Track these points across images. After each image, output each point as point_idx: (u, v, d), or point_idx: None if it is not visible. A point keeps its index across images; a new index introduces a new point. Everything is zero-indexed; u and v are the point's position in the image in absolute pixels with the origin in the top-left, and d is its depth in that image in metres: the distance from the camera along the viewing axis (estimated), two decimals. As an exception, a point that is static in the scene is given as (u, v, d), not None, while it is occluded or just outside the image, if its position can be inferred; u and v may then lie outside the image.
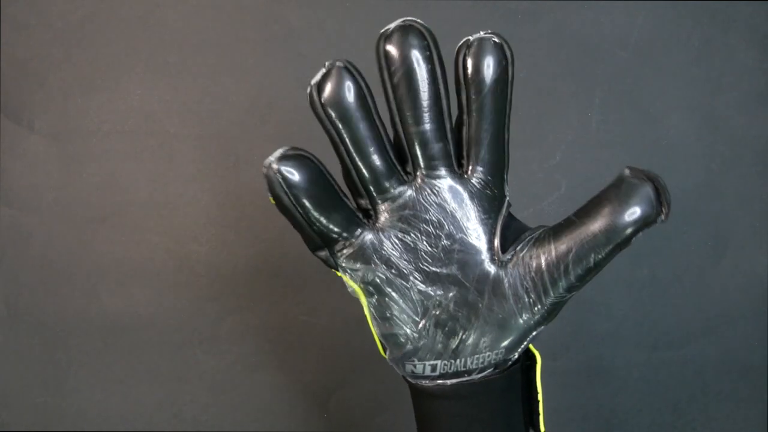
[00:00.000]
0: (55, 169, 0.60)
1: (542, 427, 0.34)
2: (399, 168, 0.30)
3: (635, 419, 0.63)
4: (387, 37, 0.28)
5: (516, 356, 0.32)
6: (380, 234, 0.30)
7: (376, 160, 0.29)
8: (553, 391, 0.62)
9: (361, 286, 0.31)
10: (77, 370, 0.61)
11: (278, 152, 0.28)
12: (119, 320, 0.60)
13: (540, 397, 0.33)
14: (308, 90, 0.29)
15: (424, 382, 0.32)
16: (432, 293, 0.31)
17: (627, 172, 0.29)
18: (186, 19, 0.60)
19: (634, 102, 0.61)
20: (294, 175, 0.28)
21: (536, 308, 0.31)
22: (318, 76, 0.28)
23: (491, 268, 0.31)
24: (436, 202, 0.30)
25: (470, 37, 0.28)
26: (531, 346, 0.33)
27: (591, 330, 0.62)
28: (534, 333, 0.31)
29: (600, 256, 0.29)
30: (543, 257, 0.30)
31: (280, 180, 0.28)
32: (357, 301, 0.33)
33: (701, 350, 0.62)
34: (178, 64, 0.60)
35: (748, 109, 0.61)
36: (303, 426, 0.62)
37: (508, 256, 0.31)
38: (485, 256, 0.31)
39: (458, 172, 0.30)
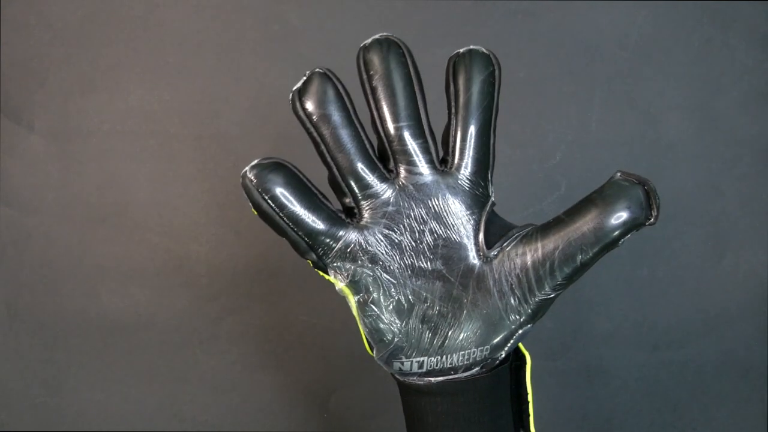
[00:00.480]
0: (55, 169, 0.60)
1: (532, 429, 0.34)
2: (381, 166, 0.31)
3: (635, 419, 0.63)
4: (365, 49, 0.30)
5: (503, 355, 0.32)
6: (365, 232, 0.31)
7: (357, 156, 0.30)
8: (553, 391, 0.62)
9: (349, 284, 0.32)
10: (77, 370, 0.61)
11: (253, 162, 0.30)
12: (119, 320, 0.61)
13: (530, 398, 0.33)
14: (290, 96, 0.30)
15: (411, 379, 0.33)
16: (417, 288, 0.31)
17: (618, 175, 0.29)
18: (186, 19, 0.60)
19: (634, 102, 0.61)
20: (269, 180, 0.30)
21: (522, 307, 0.31)
22: (299, 83, 0.30)
23: (476, 263, 0.31)
24: (418, 198, 0.31)
25: (460, 50, 0.31)
26: (521, 345, 0.33)
27: (591, 330, 0.62)
28: (520, 332, 0.32)
29: (587, 256, 0.29)
30: (529, 254, 0.30)
31: (257, 187, 0.30)
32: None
33: (701, 350, 0.62)
34: (178, 64, 0.60)
35: (748, 109, 0.61)
36: (303, 426, 0.62)
37: (494, 252, 0.31)
38: (469, 251, 0.31)
39: (440, 169, 0.31)
